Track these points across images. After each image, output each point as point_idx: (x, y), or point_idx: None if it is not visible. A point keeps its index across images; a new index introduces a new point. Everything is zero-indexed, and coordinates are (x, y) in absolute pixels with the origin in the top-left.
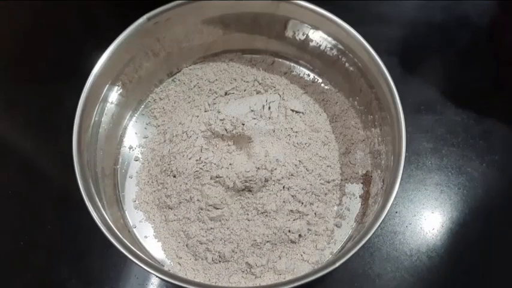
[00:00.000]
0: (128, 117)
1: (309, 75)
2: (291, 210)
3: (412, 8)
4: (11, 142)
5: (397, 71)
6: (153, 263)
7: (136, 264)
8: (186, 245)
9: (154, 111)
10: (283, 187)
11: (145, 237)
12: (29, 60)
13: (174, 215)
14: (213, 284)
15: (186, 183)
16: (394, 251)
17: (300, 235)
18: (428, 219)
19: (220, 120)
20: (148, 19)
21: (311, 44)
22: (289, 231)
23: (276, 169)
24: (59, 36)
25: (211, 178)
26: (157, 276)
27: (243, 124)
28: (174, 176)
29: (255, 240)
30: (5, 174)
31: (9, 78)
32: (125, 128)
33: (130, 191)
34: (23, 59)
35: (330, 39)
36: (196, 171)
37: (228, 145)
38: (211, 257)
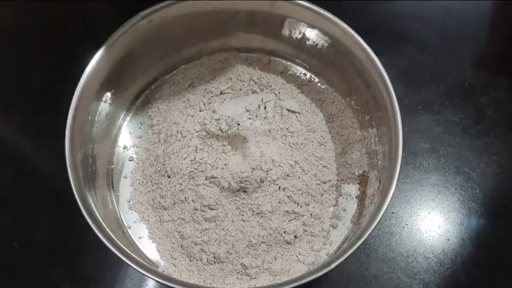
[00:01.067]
0: (122, 116)
1: (305, 74)
2: (286, 211)
3: (409, 6)
4: (9, 142)
5: (394, 71)
6: (146, 264)
7: (130, 266)
8: (181, 246)
9: (149, 111)
10: (279, 188)
11: (140, 238)
12: (28, 60)
13: (169, 215)
14: (208, 285)
15: (181, 184)
16: (391, 252)
17: (295, 236)
18: (425, 220)
19: (216, 120)
20: (142, 17)
21: (308, 42)
22: (284, 232)
23: (271, 169)
24: (58, 36)
25: (206, 178)
26: (151, 278)
27: (239, 124)
28: (169, 177)
29: (250, 241)
30: (2, 175)
31: (7, 78)
32: (119, 128)
33: (125, 191)
34: (21, 58)
35: (326, 38)
36: (191, 171)
37: (223, 145)
38: (206, 258)
